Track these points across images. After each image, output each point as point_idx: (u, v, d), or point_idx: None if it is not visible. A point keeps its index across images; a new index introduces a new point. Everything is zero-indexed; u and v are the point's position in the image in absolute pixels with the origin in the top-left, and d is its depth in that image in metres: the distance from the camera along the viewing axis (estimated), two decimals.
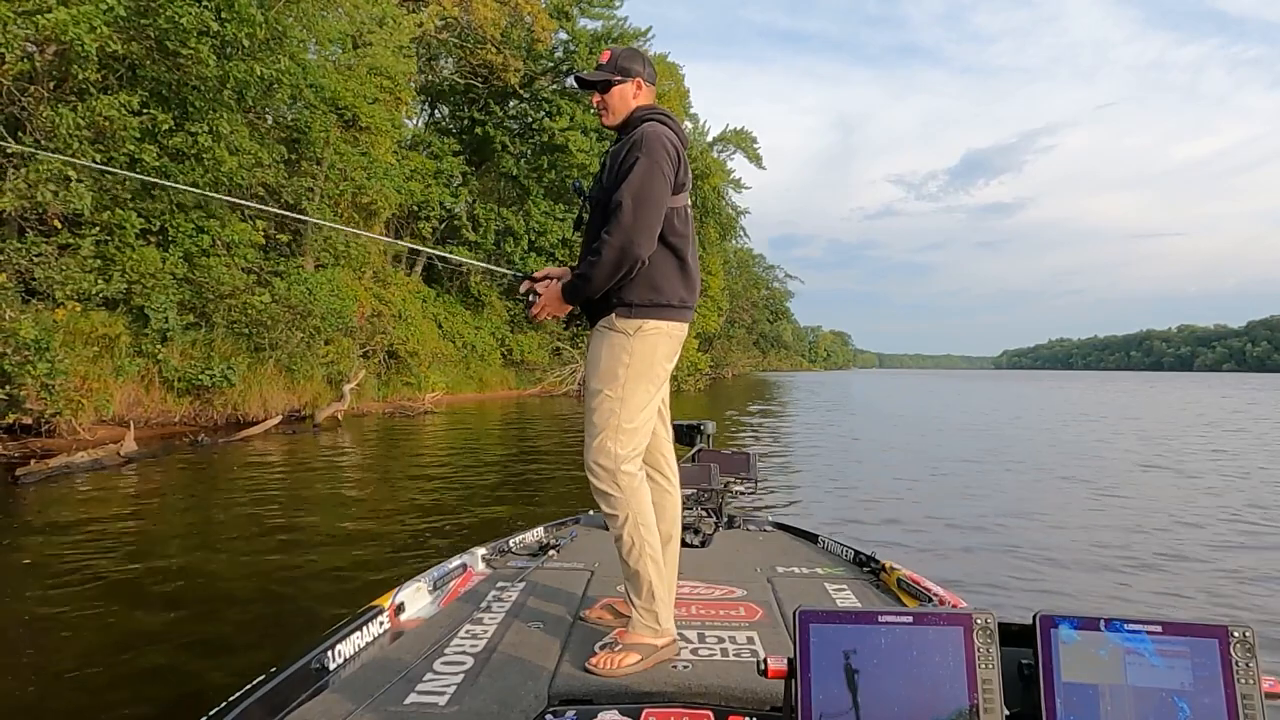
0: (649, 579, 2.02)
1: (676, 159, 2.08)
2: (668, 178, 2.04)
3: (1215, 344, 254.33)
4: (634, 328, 2.08)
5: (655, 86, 2.29)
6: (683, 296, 2.14)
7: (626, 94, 2.19)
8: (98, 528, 5.64)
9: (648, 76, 2.22)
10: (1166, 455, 11.67)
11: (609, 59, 2.21)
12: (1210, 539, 5.96)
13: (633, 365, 2.07)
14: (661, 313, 2.09)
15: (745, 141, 40.85)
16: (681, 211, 2.14)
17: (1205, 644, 1.25)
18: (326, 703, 1.74)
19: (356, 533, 5.64)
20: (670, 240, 2.10)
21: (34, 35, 7.29)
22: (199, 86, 10.48)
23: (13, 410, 8.82)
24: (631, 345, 2.07)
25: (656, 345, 2.10)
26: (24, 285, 9.77)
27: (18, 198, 8.25)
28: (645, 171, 2.01)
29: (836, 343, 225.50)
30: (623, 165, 2.05)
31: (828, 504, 7.27)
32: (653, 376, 2.11)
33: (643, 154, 2.02)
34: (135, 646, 3.34)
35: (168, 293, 12.13)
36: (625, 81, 2.18)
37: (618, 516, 2.04)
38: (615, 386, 2.07)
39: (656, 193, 2.01)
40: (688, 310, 2.17)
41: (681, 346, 2.22)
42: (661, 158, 2.03)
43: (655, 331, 2.10)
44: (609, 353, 2.09)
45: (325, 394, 15.34)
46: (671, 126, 2.14)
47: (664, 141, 2.06)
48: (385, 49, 17.06)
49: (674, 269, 2.13)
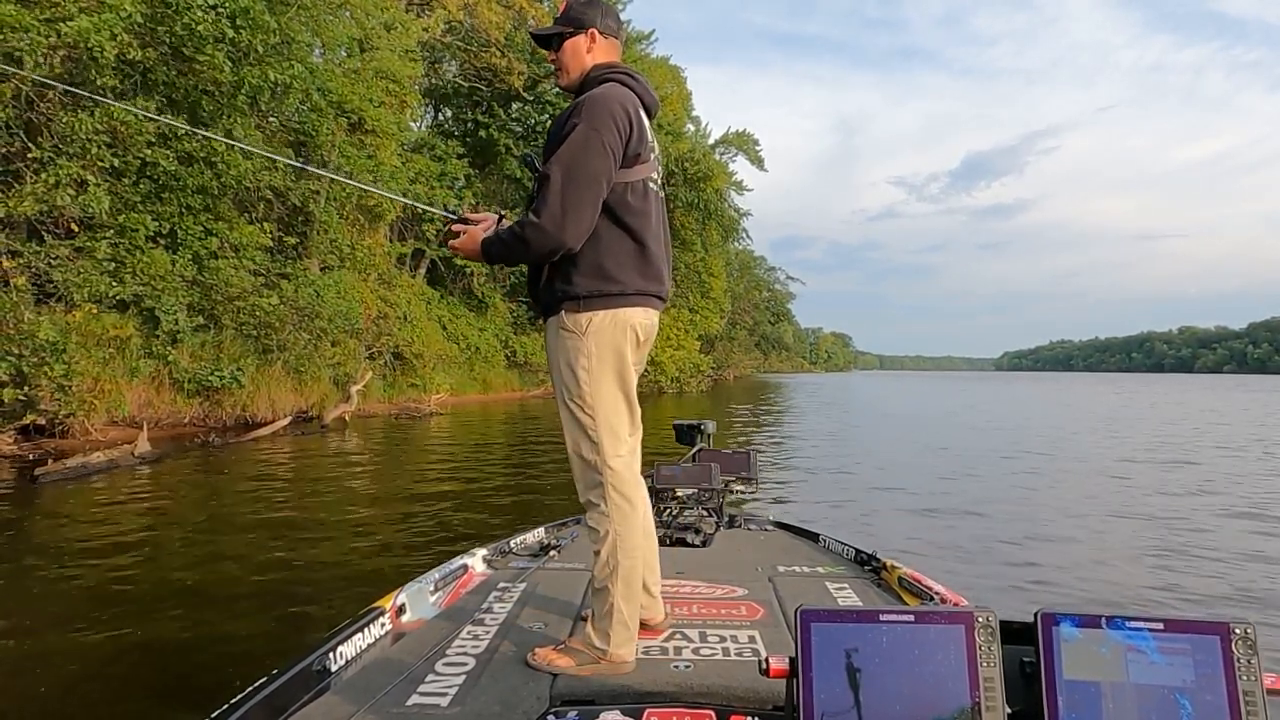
0: (613, 599, 1.88)
1: (628, 125, 1.80)
2: (610, 148, 1.75)
3: (1216, 346, 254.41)
4: (584, 324, 1.85)
5: (619, 40, 1.99)
6: (641, 286, 1.88)
7: (579, 48, 1.92)
8: (115, 526, 5.77)
9: (605, 27, 1.93)
10: (1174, 455, 11.74)
11: (564, 9, 1.94)
12: (1211, 537, 6.00)
13: (592, 368, 1.86)
14: (615, 301, 1.85)
15: (747, 144, 40.98)
16: (638, 186, 1.86)
17: (1207, 641, 1.25)
18: (328, 704, 1.74)
19: (368, 532, 5.74)
20: (624, 219, 1.84)
21: (56, 42, 7.44)
22: (213, 92, 10.63)
23: (30, 411, 8.94)
24: (585, 346, 1.85)
25: (613, 339, 1.86)
26: (38, 288, 9.90)
27: (37, 202, 8.38)
28: (580, 142, 1.73)
29: (837, 344, 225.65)
30: (560, 134, 1.79)
31: (829, 503, 7.31)
32: (617, 374, 1.90)
33: (582, 120, 1.76)
34: (153, 643, 3.41)
35: (177, 295, 12.26)
36: (578, 34, 1.91)
37: (598, 531, 1.92)
38: (576, 393, 1.88)
39: (592, 167, 1.74)
40: (650, 296, 1.92)
41: (653, 332, 1.99)
42: (604, 124, 1.75)
43: (611, 323, 1.86)
44: (563, 358, 1.88)
45: (332, 395, 15.44)
46: (631, 86, 1.88)
47: (611, 106, 1.78)
48: (391, 53, 17.20)
49: (629, 253, 1.86)
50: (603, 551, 1.90)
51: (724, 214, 36.92)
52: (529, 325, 28.48)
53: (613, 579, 1.89)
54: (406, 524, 6.04)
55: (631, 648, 1.90)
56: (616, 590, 1.88)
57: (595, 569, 1.93)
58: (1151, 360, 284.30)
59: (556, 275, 1.87)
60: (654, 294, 1.94)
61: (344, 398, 15.22)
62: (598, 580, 1.91)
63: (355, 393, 15.35)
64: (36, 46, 7.23)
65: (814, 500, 7.52)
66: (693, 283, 37.05)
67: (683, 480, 3.59)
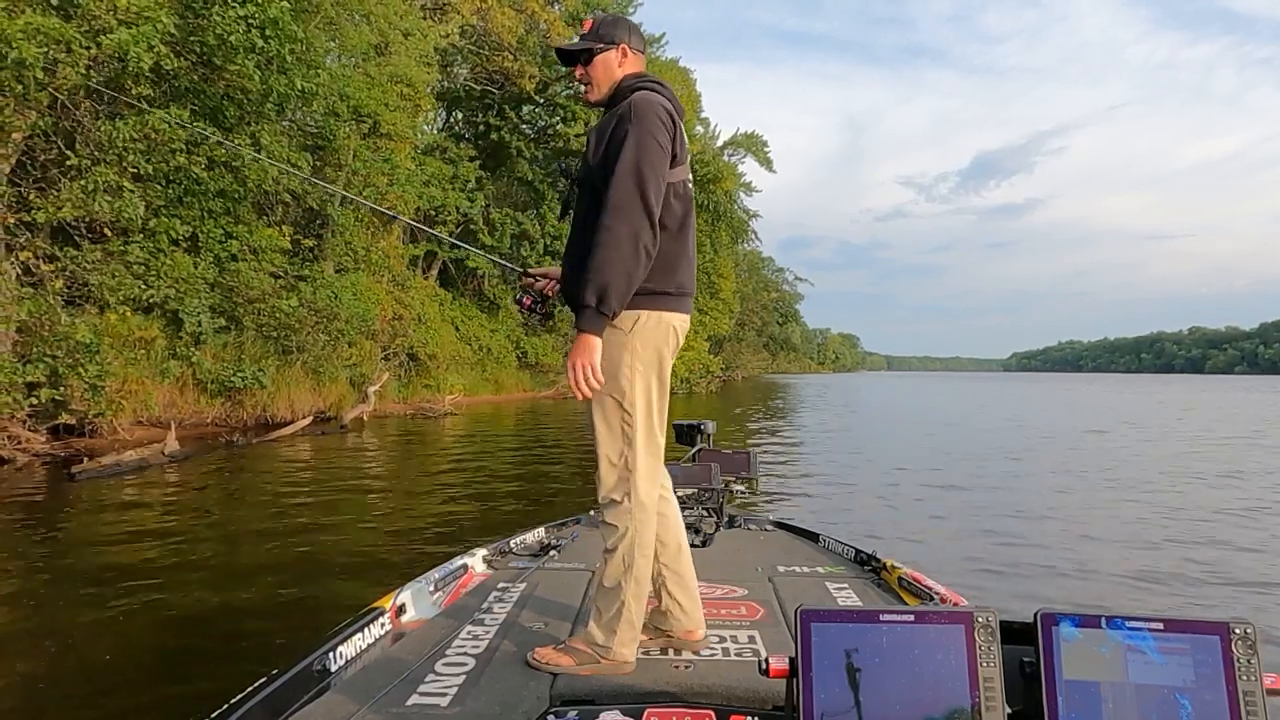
0: (624, 597, 1.88)
1: (672, 126, 1.87)
2: (664, 148, 1.82)
3: (1227, 346, 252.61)
4: (631, 322, 1.87)
5: (644, 55, 2.06)
6: (681, 282, 1.94)
7: (610, 62, 1.97)
8: (151, 519, 6.06)
9: (634, 44, 2.00)
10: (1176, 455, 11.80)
11: (591, 27, 2.00)
12: (1214, 536, 6.01)
13: (635, 365, 1.88)
14: (660, 301, 1.89)
15: (755, 145, 41.09)
16: (680, 186, 1.92)
17: (1207, 641, 1.25)
18: (328, 704, 1.74)
19: (388, 527, 5.92)
20: (666, 220, 1.89)
21: (97, 54, 7.68)
22: (240, 99, 10.88)
23: (64, 411, 9.18)
24: (631, 342, 1.87)
25: (655, 339, 1.90)
26: (69, 290, 10.14)
27: (75, 208, 8.63)
28: (639, 144, 1.79)
29: (845, 345, 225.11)
30: (611, 140, 1.84)
31: (829, 503, 7.34)
32: (657, 374, 1.93)
33: (633, 124, 1.80)
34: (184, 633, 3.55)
35: (200, 297, 12.51)
36: (610, 49, 1.96)
37: (618, 528, 1.90)
38: (617, 389, 1.88)
39: (657, 167, 1.80)
40: (687, 298, 1.97)
41: (684, 339, 2.01)
42: (655, 126, 1.81)
43: (656, 324, 1.89)
44: (607, 353, 1.86)
45: (349, 396, 15.68)
46: (663, 94, 1.93)
47: (656, 109, 1.84)
48: (408, 58, 17.42)
49: (671, 252, 1.91)
50: (620, 549, 1.89)
51: (733, 216, 37.08)
52: (539, 327, 28.64)
53: (626, 577, 1.88)
54: (425, 520, 6.21)
55: (634, 648, 1.92)
56: (629, 589, 1.88)
57: (607, 566, 1.92)
58: (1162, 361, 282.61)
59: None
60: (689, 294, 1.99)
61: (362, 398, 15.45)
62: (608, 578, 1.91)
63: (373, 393, 15.57)
64: (79, 59, 7.46)
65: (825, 501, 7.56)
66: (702, 284, 37.16)
67: (683, 480, 3.58)
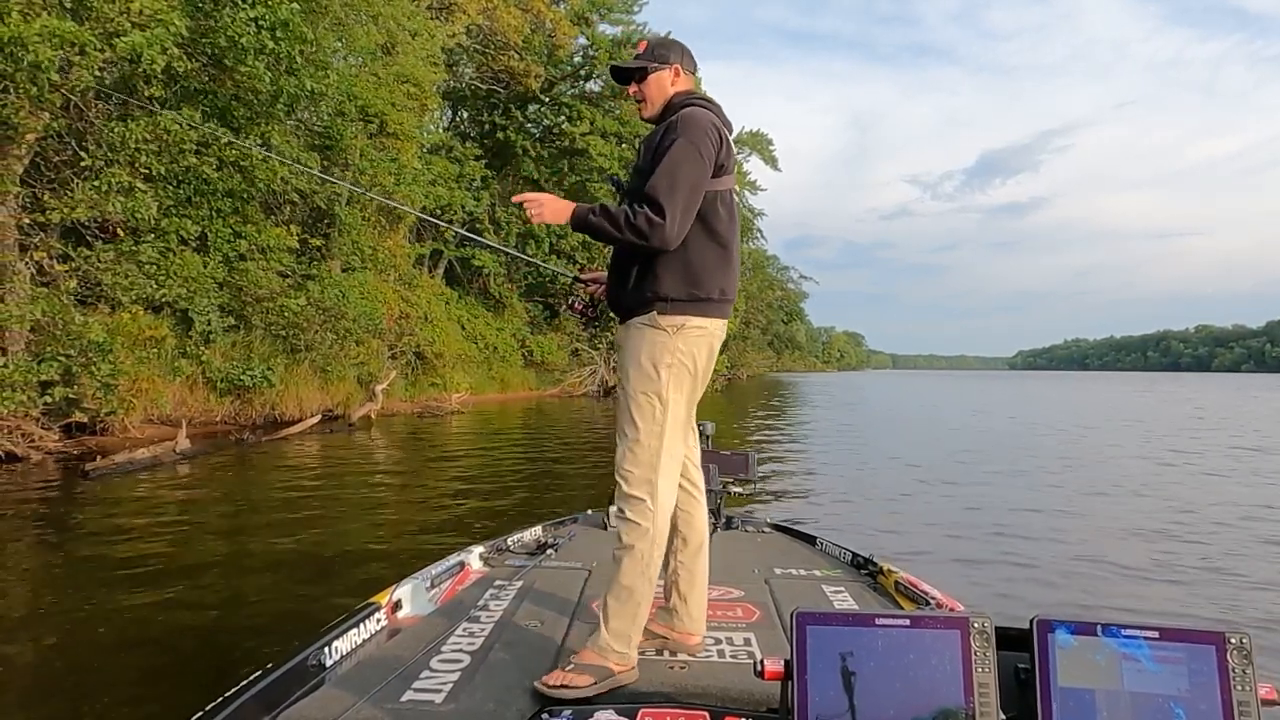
0: (640, 600, 1.88)
1: (719, 140, 1.97)
2: (706, 159, 1.92)
3: (1233, 344, 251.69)
4: (676, 325, 1.94)
5: (695, 77, 2.18)
6: (723, 288, 2.01)
7: (664, 81, 2.10)
8: (165, 515, 6.17)
9: (686, 65, 2.13)
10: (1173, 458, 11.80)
11: (646, 48, 2.12)
12: (1211, 543, 5.94)
13: (674, 366, 1.94)
14: (704, 308, 1.97)
15: (761, 144, 41.05)
16: (725, 195, 2.02)
17: (1202, 650, 1.25)
18: (323, 699, 1.74)
19: (396, 522, 6.03)
20: (715, 227, 1.98)
21: (111, 56, 7.76)
22: (250, 100, 10.96)
23: (76, 409, 9.28)
24: (673, 345, 1.94)
25: (699, 344, 1.98)
26: (82, 290, 10.24)
27: (89, 208, 8.72)
28: (682, 153, 1.89)
29: (850, 343, 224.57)
30: (659, 148, 1.94)
31: (829, 503, 7.35)
32: (693, 379, 2.00)
33: (680, 134, 1.92)
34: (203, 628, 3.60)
35: (209, 296, 12.60)
36: (663, 68, 2.09)
37: (640, 526, 1.90)
38: (654, 388, 1.94)
39: (695, 175, 1.90)
40: (727, 304, 2.04)
41: (721, 344, 2.08)
42: (701, 138, 1.92)
43: (698, 330, 1.97)
44: (648, 352, 1.94)
45: (356, 394, 15.75)
46: (713, 110, 2.04)
47: (703, 122, 1.95)
48: (415, 57, 17.48)
49: (716, 258, 1.99)
50: (639, 546, 1.89)
51: (740, 215, 37.01)
52: (545, 325, 28.80)
53: (642, 578, 1.88)
54: (433, 518, 6.28)
55: (635, 650, 1.91)
56: (642, 590, 1.88)
57: (623, 565, 1.90)
58: (1168, 359, 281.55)
59: (647, 278, 1.96)
60: (730, 300, 2.06)
61: (369, 397, 15.52)
62: (625, 576, 1.88)
63: (380, 392, 15.65)
64: (93, 62, 7.54)
65: (825, 501, 7.56)
66: None
67: None
